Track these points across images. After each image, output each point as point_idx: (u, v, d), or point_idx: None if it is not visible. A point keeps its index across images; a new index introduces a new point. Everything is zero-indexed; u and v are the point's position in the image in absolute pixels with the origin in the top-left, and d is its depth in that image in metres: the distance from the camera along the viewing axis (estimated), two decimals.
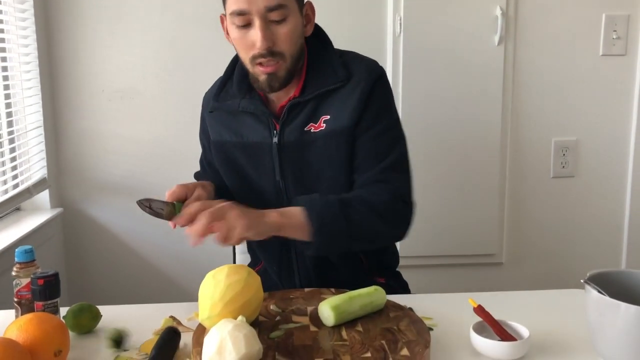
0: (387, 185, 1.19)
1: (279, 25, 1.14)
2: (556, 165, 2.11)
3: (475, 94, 2.01)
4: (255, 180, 1.27)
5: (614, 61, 2.06)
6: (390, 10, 1.97)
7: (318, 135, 1.20)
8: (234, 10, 1.13)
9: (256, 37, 1.13)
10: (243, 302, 0.96)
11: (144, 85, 1.97)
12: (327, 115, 1.20)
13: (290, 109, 1.21)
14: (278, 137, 1.21)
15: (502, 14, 1.96)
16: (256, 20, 1.12)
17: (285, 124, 1.21)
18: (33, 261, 1.08)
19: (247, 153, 1.26)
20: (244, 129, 1.25)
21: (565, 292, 1.22)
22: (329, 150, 1.20)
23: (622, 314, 0.87)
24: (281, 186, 1.24)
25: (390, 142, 1.22)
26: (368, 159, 1.20)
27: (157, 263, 2.07)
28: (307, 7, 1.21)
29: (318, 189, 1.21)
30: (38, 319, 0.93)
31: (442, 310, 1.12)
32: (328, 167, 1.21)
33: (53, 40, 1.92)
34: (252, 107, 1.22)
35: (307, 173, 1.22)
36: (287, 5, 1.14)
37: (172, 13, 1.94)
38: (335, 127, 1.19)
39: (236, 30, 1.16)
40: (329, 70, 1.21)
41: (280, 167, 1.23)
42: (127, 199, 2.01)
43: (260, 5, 1.11)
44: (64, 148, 1.98)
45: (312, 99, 1.20)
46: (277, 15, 1.13)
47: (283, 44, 1.15)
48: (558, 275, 2.16)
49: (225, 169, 1.30)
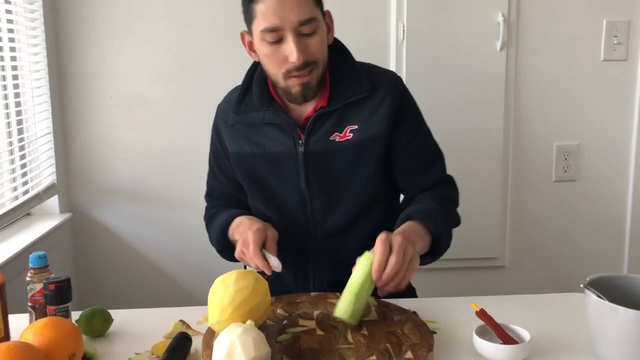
0: (449, 184, 1.33)
1: (310, 38, 1.16)
2: (558, 169, 2.13)
3: (477, 99, 2.03)
4: (277, 190, 1.29)
5: (615, 66, 2.08)
6: (394, 17, 1.99)
7: (344, 145, 1.23)
8: (266, 27, 1.14)
9: (291, 52, 1.14)
10: (251, 307, 0.98)
11: (151, 91, 2.00)
12: (354, 125, 1.23)
13: (316, 118, 1.23)
14: (304, 147, 1.24)
15: (504, 20, 1.98)
16: (289, 35, 1.14)
17: (310, 134, 1.23)
18: (46, 267, 1.10)
19: (269, 164, 1.27)
20: (266, 140, 1.26)
21: (566, 296, 1.24)
22: (355, 159, 1.24)
23: (621, 318, 0.89)
24: (306, 195, 1.26)
25: (434, 145, 1.33)
26: (422, 165, 1.30)
27: (165, 267, 2.10)
28: (327, 16, 1.23)
29: (342, 196, 1.26)
30: (53, 324, 0.95)
31: (445, 314, 1.14)
32: (354, 175, 1.25)
33: (62, 48, 1.96)
34: (277, 119, 1.24)
35: (332, 181, 1.26)
36: (316, 18, 1.16)
37: (179, 21, 1.97)
38: (363, 136, 1.23)
39: (267, 47, 1.17)
40: (354, 80, 1.24)
41: (305, 176, 1.25)
42: (135, 204, 2.05)
43: (293, 20, 1.13)
44: (73, 154, 2.02)
45: (338, 109, 1.23)
46: (308, 28, 1.15)
47: (316, 53, 1.17)
48: (560, 279, 2.18)
49: (246, 180, 1.32)
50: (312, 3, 1.15)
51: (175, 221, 2.06)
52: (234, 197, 1.39)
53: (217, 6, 1.96)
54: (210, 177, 1.44)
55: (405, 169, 1.29)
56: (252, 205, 1.37)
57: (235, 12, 1.95)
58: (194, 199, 2.02)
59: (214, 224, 1.32)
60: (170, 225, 2.07)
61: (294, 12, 1.12)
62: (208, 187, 1.45)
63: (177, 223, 2.06)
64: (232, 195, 1.39)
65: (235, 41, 1.95)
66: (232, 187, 1.38)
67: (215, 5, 1.96)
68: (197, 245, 2.04)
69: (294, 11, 1.12)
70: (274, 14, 1.12)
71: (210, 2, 1.96)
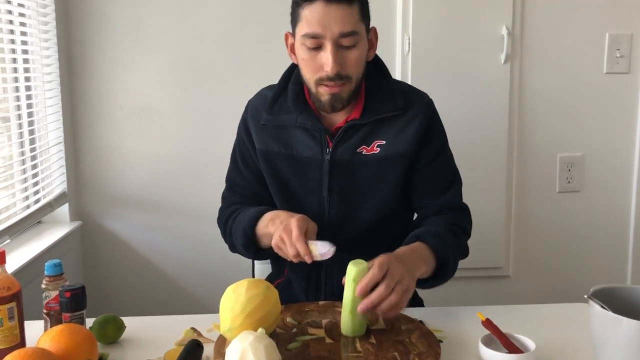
0: (464, 212, 1.32)
1: (349, 51, 1.17)
2: (562, 180, 2.15)
3: (482, 111, 2.06)
4: (298, 193, 1.30)
5: (617, 79, 2.11)
6: (399, 30, 2.02)
7: (370, 158, 1.25)
8: (308, 33, 1.15)
9: (327, 61, 1.16)
10: (262, 315, 1.00)
11: (161, 102, 2.03)
12: (382, 140, 1.25)
13: (347, 129, 1.25)
14: (331, 155, 1.25)
15: (508, 33, 2.01)
16: (328, 45, 1.15)
17: (339, 143, 1.25)
18: (61, 274, 1.12)
19: (295, 166, 1.28)
20: (295, 143, 1.28)
21: (571, 306, 1.26)
22: (379, 174, 1.26)
23: (625, 329, 0.91)
24: (326, 202, 1.28)
25: (454, 170, 1.34)
26: (438, 187, 1.31)
27: (175, 275, 2.12)
28: (371, 32, 1.25)
29: (362, 208, 1.28)
30: (69, 330, 0.97)
31: (452, 323, 1.16)
32: (376, 189, 1.27)
33: (74, 60, 1.99)
34: (309, 124, 1.25)
35: (354, 193, 1.27)
36: (358, 32, 1.16)
37: (189, 32, 2.00)
38: (390, 153, 1.25)
39: (306, 52, 1.18)
40: (388, 97, 1.26)
41: (329, 183, 1.27)
42: (144, 212, 2.07)
43: (334, 31, 1.14)
44: (83, 163, 2.04)
45: (370, 123, 1.25)
46: (348, 41, 1.16)
47: (351, 68, 1.18)
48: (564, 289, 2.19)
49: (270, 178, 1.32)
50: (358, 17, 1.16)
51: (185, 229, 2.08)
52: (256, 194, 1.36)
53: (226, 18, 2.00)
54: (233, 172, 1.40)
55: (420, 189, 1.31)
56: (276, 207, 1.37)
57: (244, 24, 2.01)
58: (203, 207, 2.06)
59: (240, 218, 1.29)
60: (179, 233, 2.09)
61: (338, 23, 1.14)
62: (229, 182, 1.41)
63: (187, 231, 2.08)
64: (255, 192, 1.37)
65: (244, 52, 2.01)
66: (256, 182, 1.36)
67: (224, 18, 2.00)
68: (206, 253, 2.07)
69: (338, 22, 1.14)
70: (318, 22, 1.14)
71: (219, 15, 2.00)
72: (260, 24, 2.00)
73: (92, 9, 1.97)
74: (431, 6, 1.99)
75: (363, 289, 1.02)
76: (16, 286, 1.02)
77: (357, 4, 1.16)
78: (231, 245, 1.35)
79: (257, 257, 1.35)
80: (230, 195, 1.41)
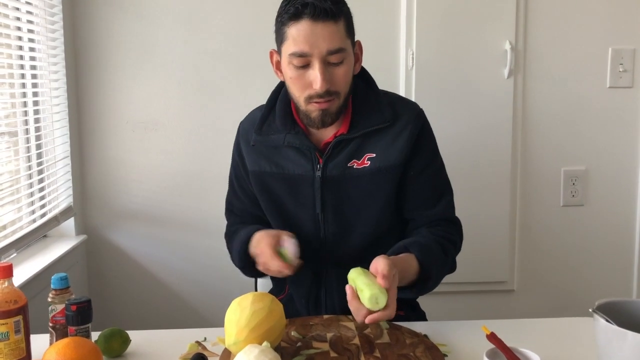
0: (455, 226, 1.32)
1: (337, 67, 1.18)
2: (566, 194, 2.15)
3: (486, 125, 2.07)
4: (293, 212, 1.31)
5: (620, 93, 2.12)
6: (403, 44, 2.04)
7: (361, 172, 1.25)
8: (295, 51, 1.16)
9: (315, 79, 1.16)
10: (267, 329, 1.01)
11: (166, 117, 2.05)
12: (372, 153, 1.25)
13: (335, 144, 1.25)
14: (321, 171, 1.26)
15: (512, 48, 2.03)
16: (316, 62, 1.16)
17: (329, 159, 1.26)
18: (68, 288, 1.13)
19: (287, 184, 1.29)
20: (285, 162, 1.29)
21: (575, 320, 1.26)
22: (372, 187, 1.26)
23: (630, 343, 0.90)
24: (320, 218, 1.29)
25: (445, 180, 1.33)
26: (429, 198, 1.30)
27: (179, 289, 2.12)
28: (357, 46, 1.26)
29: (356, 222, 1.28)
30: (75, 344, 0.98)
31: (456, 337, 1.16)
32: (369, 202, 1.27)
33: (81, 75, 2.01)
34: (297, 142, 1.26)
35: (347, 207, 1.28)
36: (345, 48, 1.17)
37: (194, 48, 2.03)
38: (381, 165, 1.25)
39: (293, 70, 1.18)
40: (375, 109, 1.26)
41: (321, 200, 1.27)
42: (149, 227, 2.08)
43: (322, 49, 1.14)
44: (89, 177, 2.06)
45: (358, 136, 1.25)
46: (336, 58, 1.16)
47: (339, 84, 1.19)
48: (568, 303, 2.18)
49: (263, 198, 1.33)
50: (344, 34, 1.17)
51: (190, 244, 2.09)
52: (253, 215, 1.39)
53: (232, 34, 2.02)
54: (231, 194, 1.44)
55: (411, 200, 1.30)
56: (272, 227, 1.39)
57: (249, 40, 2.03)
58: (208, 222, 2.06)
59: (235, 242, 1.33)
60: (184, 247, 2.10)
61: (325, 40, 1.14)
62: (228, 205, 1.45)
63: (192, 245, 2.09)
64: (252, 213, 1.40)
65: (249, 68, 2.03)
66: (251, 205, 1.39)
67: (230, 33, 2.02)
68: (211, 267, 2.08)
69: (325, 40, 1.14)
70: (305, 40, 1.14)
71: (224, 30, 2.02)
72: (265, 40, 2.01)
73: (99, 25, 1.99)
74: (435, 21, 2.01)
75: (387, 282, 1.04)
76: (23, 299, 1.03)
77: (343, 20, 1.17)
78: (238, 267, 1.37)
79: (259, 275, 1.36)
80: (230, 215, 1.45)
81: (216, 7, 2.01)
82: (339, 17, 1.16)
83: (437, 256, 1.22)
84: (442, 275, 1.26)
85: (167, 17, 2.01)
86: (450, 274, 1.30)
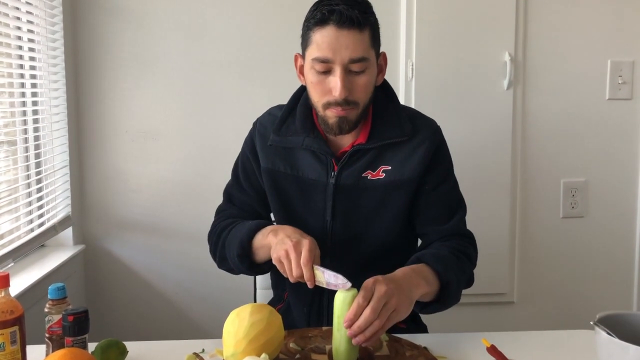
0: (469, 239, 1.31)
1: (358, 76, 1.17)
2: (566, 205, 2.15)
3: (485, 136, 2.07)
4: (301, 215, 1.30)
5: (620, 105, 2.13)
6: (403, 56, 2.05)
7: (375, 184, 1.25)
8: (318, 57, 1.16)
9: (335, 86, 1.16)
10: (266, 340, 1.00)
11: (166, 126, 2.05)
12: (388, 166, 1.25)
13: (352, 153, 1.25)
14: (335, 179, 1.26)
15: (511, 59, 2.03)
16: (338, 69, 1.15)
17: (344, 167, 1.25)
18: (65, 298, 1.12)
19: (300, 187, 1.28)
20: (301, 165, 1.28)
21: (576, 333, 1.25)
22: (384, 199, 1.26)
23: (632, 356, 0.90)
24: (328, 226, 1.28)
25: (459, 197, 1.33)
26: (442, 214, 1.29)
27: (177, 300, 2.11)
28: (381, 57, 1.26)
29: (366, 234, 1.27)
30: (71, 355, 0.97)
31: (456, 349, 1.15)
32: (380, 214, 1.26)
33: (80, 84, 2.01)
34: (315, 146, 1.25)
35: (358, 217, 1.27)
36: (368, 58, 1.17)
37: (194, 58, 2.03)
38: (395, 178, 1.25)
39: (315, 75, 1.18)
40: (395, 122, 1.26)
41: (332, 207, 1.27)
42: (147, 237, 2.07)
43: (344, 56, 1.14)
44: (88, 186, 2.05)
45: (375, 147, 1.25)
46: (358, 67, 1.16)
47: (359, 93, 1.19)
48: (568, 315, 2.17)
49: (273, 197, 1.32)
50: (369, 43, 1.17)
51: (188, 254, 2.08)
52: (254, 211, 1.36)
53: (232, 44, 2.03)
54: (234, 187, 1.40)
55: (424, 215, 1.30)
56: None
57: (249, 49, 2.03)
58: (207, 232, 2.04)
59: (237, 229, 1.27)
60: (182, 257, 2.09)
61: (349, 48, 1.14)
62: (228, 195, 1.40)
63: (190, 256, 2.08)
64: (253, 208, 1.36)
65: (249, 78, 2.03)
66: (256, 199, 1.36)
67: (230, 43, 2.03)
68: (210, 278, 2.06)
69: (349, 48, 1.14)
70: (328, 47, 1.14)
71: (225, 40, 2.03)
72: (265, 49, 2.03)
73: (99, 34, 2.00)
74: (434, 32, 2.02)
75: (353, 316, 1.00)
76: (19, 310, 1.02)
77: (369, 30, 1.17)
78: (221, 259, 1.32)
79: (250, 270, 1.30)
80: (228, 207, 1.39)
81: (216, 16, 2.02)
82: (365, 27, 1.16)
83: (452, 264, 1.20)
84: (461, 285, 1.22)
85: (167, 26, 2.01)
86: (467, 288, 1.28)
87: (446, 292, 1.18)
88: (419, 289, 1.11)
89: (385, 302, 1.01)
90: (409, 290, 1.08)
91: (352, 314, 1.00)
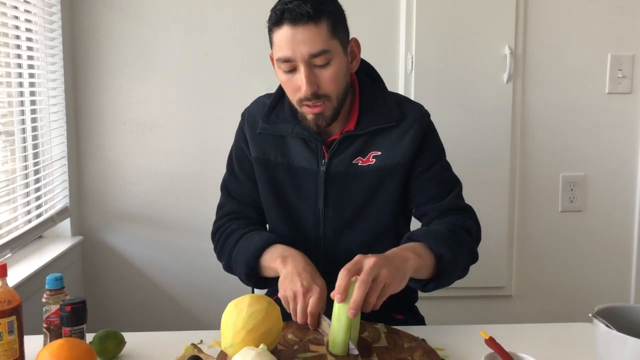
0: (467, 213, 1.29)
1: (324, 69, 1.18)
2: (564, 199, 2.15)
3: (484, 130, 2.07)
4: (293, 204, 1.30)
5: (619, 99, 2.12)
6: (402, 48, 2.04)
7: (366, 170, 1.26)
8: (280, 57, 1.18)
9: (301, 83, 1.17)
10: (264, 331, 1.00)
11: (164, 118, 2.04)
12: (378, 151, 1.26)
13: (342, 140, 1.26)
14: (326, 166, 1.26)
15: (511, 53, 2.03)
16: (301, 66, 1.16)
17: (334, 155, 1.26)
18: (62, 288, 1.12)
19: (291, 176, 1.29)
20: (292, 153, 1.28)
21: (574, 326, 1.25)
22: (375, 185, 1.26)
23: (630, 349, 0.90)
24: (321, 214, 1.28)
25: (454, 176, 1.33)
26: (438, 192, 1.29)
27: (174, 291, 2.11)
28: (352, 43, 1.25)
29: (358, 221, 1.27)
30: (69, 345, 0.96)
31: (454, 341, 1.15)
32: (372, 200, 1.27)
33: (79, 76, 2.01)
34: (306, 134, 1.26)
35: (349, 204, 1.27)
36: (330, 50, 1.16)
37: (193, 50, 2.02)
38: (386, 163, 1.25)
39: (283, 74, 1.20)
40: (383, 108, 1.27)
41: (324, 195, 1.27)
42: (145, 228, 2.07)
43: (304, 52, 1.15)
44: (86, 178, 2.05)
45: (365, 134, 1.26)
46: (321, 60, 1.16)
47: (328, 86, 1.19)
48: (566, 309, 2.18)
49: (265, 186, 1.32)
50: (327, 35, 1.16)
51: (186, 246, 2.08)
52: (254, 200, 1.35)
53: (230, 36, 2.02)
54: (230, 181, 1.39)
55: (421, 196, 1.29)
56: (267, 218, 1.36)
57: (248, 43, 2.02)
58: (205, 224, 2.02)
59: (244, 246, 1.26)
60: (180, 249, 2.09)
61: (306, 44, 1.14)
62: (225, 189, 1.39)
63: (188, 247, 2.08)
64: (252, 198, 1.35)
65: (247, 70, 2.02)
66: (253, 188, 1.35)
67: (228, 36, 2.02)
68: (207, 269, 2.06)
69: (306, 43, 1.14)
70: (287, 45, 1.16)
71: (223, 33, 2.02)
72: (263, 42, 2.01)
73: (98, 26, 1.99)
74: (434, 25, 2.01)
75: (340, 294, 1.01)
76: (17, 300, 1.01)
77: (326, 21, 1.16)
78: (227, 267, 1.33)
79: (259, 285, 1.30)
80: (227, 202, 1.38)
81: (214, 9, 2.01)
82: (320, 19, 1.15)
83: (446, 237, 1.18)
84: (459, 258, 1.20)
85: (166, 19, 2.00)
86: (472, 264, 1.27)
87: (443, 267, 1.17)
88: (410, 262, 1.10)
89: (376, 275, 1.02)
90: (399, 262, 1.08)
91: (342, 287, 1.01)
